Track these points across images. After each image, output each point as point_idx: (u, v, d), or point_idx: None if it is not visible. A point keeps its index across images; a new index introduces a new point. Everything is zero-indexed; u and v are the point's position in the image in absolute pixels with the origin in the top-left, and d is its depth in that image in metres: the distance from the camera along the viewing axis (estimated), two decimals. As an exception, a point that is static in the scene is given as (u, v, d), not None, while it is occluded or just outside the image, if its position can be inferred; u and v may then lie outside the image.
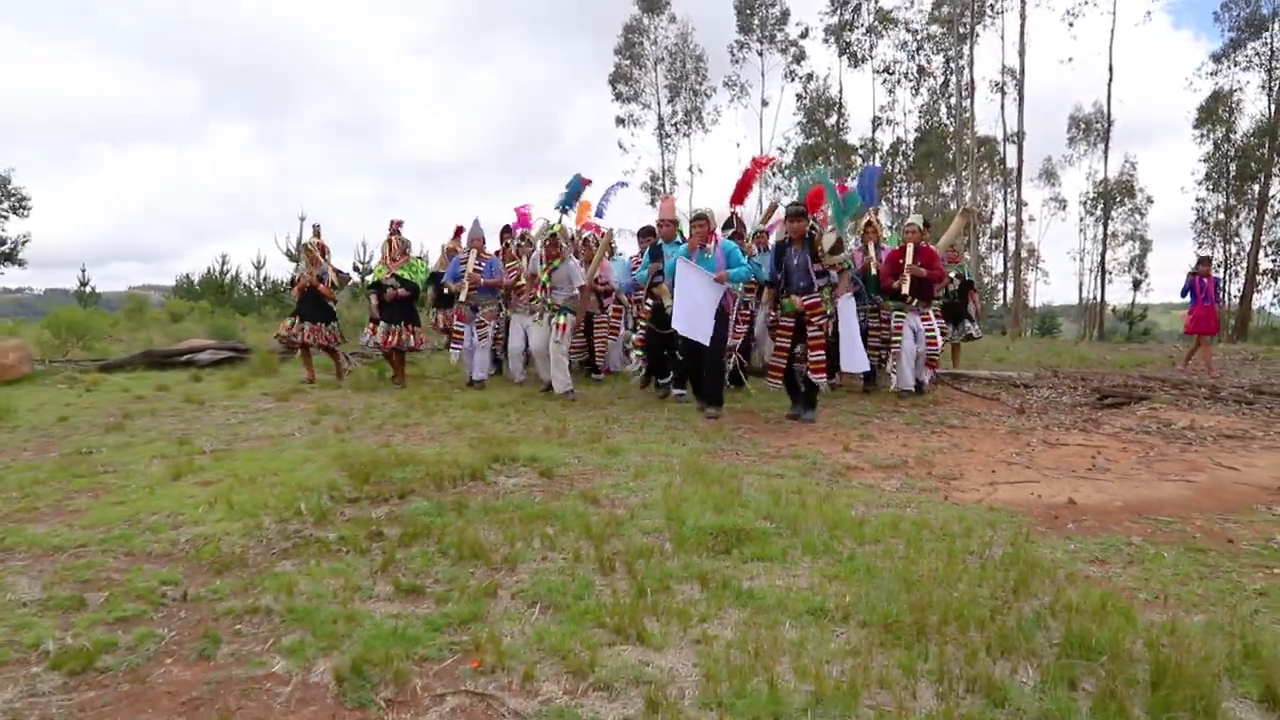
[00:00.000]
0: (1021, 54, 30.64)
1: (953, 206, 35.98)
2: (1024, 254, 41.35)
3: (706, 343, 7.37)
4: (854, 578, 3.30)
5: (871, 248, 9.40)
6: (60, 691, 2.57)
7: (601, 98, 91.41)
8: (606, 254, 9.56)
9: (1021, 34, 30.58)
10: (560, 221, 9.51)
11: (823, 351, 7.31)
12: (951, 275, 9.89)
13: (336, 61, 79.89)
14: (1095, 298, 37.91)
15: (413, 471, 4.94)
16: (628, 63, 38.63)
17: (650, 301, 8.37)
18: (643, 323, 8.55)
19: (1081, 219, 38.89)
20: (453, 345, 10.15)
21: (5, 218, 35.52)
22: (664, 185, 39.47)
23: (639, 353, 8.87)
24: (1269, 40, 29.93)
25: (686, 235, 8.10)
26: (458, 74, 78.25)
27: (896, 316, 8.84)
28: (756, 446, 6.30)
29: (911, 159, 39.52)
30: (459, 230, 10.76)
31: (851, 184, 9.26)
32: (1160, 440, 6.77)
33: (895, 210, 39.31)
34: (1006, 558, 3.51)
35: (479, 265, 9.61)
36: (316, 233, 10.38)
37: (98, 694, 2.56)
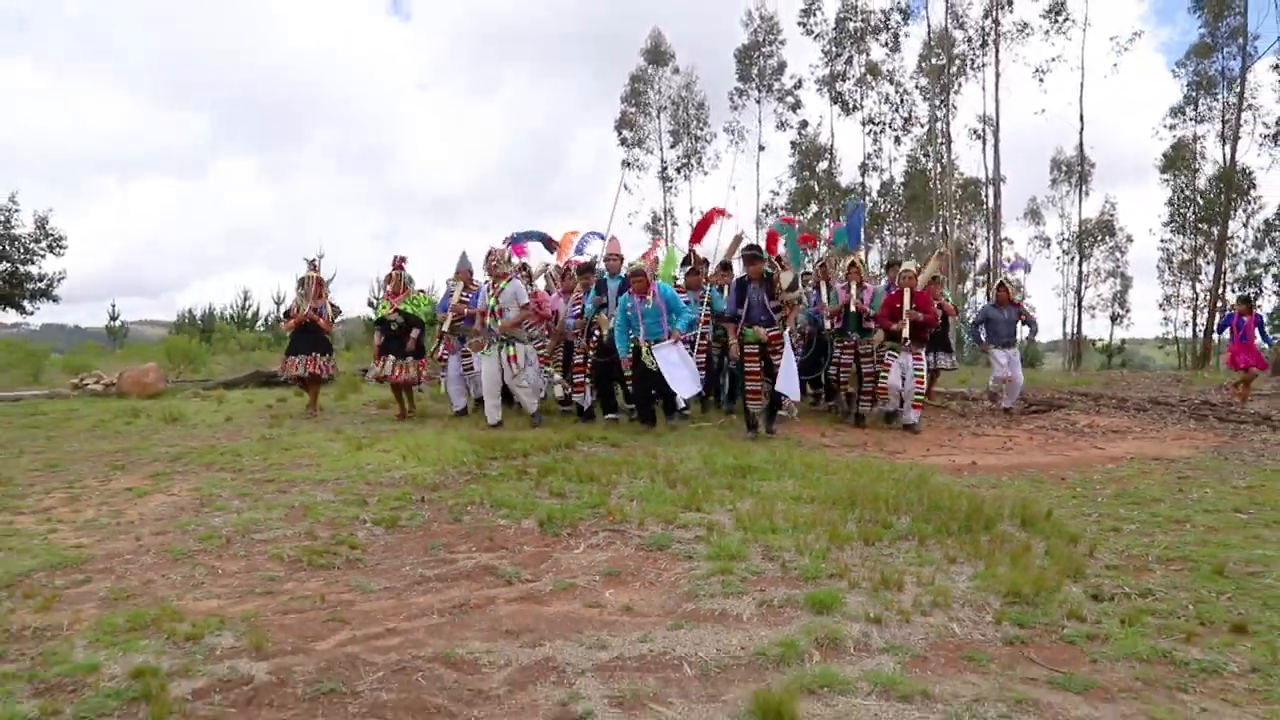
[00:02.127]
0: (996, 108, 33.34)
1: (940, 246, 38.50)
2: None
3: (699, 389, 8.39)
4: (818, 485, 5.61)
5: (854, 287, 9.66)
6: (385, 535, 4.81)
7: (606, 130, 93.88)
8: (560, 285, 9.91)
9: (996, 89, 33.29)
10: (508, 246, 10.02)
11: (758, 381, 8.24)
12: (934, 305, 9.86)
13: (343, 95, 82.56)
14: (1077, 332, 40.15)
15: (524, 444, 7.21)
16: (633, 110, 41.31)
17: (596, 333, 9.09)
18: (590, 355, 9.24)
19: (1058, 258, 41.25)
20: (441, 374, 10.61)
21: (42, 256, 37.78)
22: (665, 226, 41.90)
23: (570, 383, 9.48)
24: (1220, 96, 32.68)
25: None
26: (464, 107, 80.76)
27: (890, 354, 9.26)
28: (756, 436, 8.59)
29: (902, 201, 42.04)
30: (400, 260, 11.05)
31: (841, 221, 10.71)
32: (1061, 434, 9.07)
33: (887, 249, 41.75)
34: (914, 479, 5.80)
35: (465, 297, 9.83)
36: (314, 266, 10.26)
37: (405, 535, 4.80)
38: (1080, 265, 38.22)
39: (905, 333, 9.09)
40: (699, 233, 10.85)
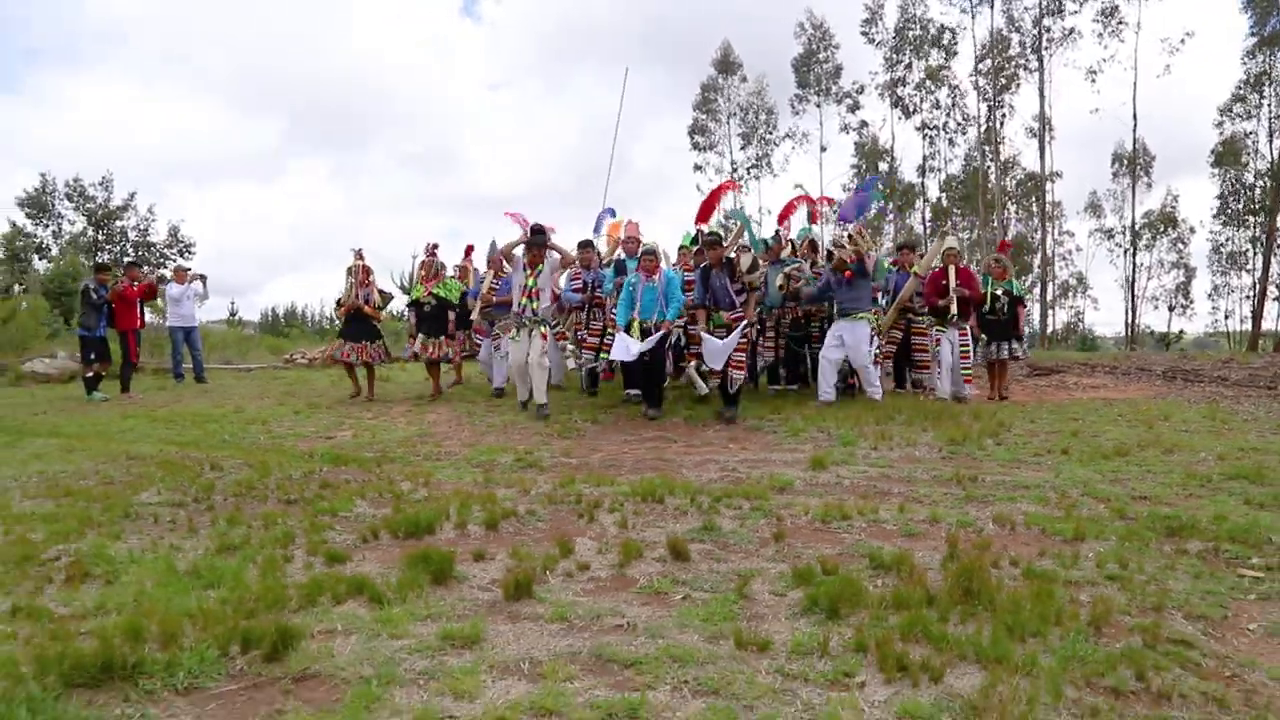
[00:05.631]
0: (1042, 109, 35.48)
1: (1008, 236, 40.57)
2: (1071, 281, 45.66)
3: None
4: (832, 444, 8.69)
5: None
6: (591, 426, 8.02)
7: (672, 127, 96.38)
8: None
9: (1041, 94, 35.39)
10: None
11: (744, 352, 8.40)
12: (999, 293, 9.91)
13: (413, 96, 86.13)
14: (1142, 324, 41.58)
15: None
16: (704, 117, 44.34)
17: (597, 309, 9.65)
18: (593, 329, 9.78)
19: (1110, 251, 42.92)
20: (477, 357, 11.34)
21: (173, 260, 42.47)
22: (733, 225, 44.78)
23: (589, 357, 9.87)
24: (1265, 92, 34.32)
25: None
26: (531, 107, 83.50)
27: (937, 331, 9.67)
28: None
29: (959, 197, 44.19)
30: (469, 249, 12.01)
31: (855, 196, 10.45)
32: (1050, 387, 11.93)
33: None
34: (935, 409, 8.83)
35: (495, 284, 10.42)
36: (360, 256, 10.49)
37: (602, 427, 8.02)
38: (1134, 257, 39.94)
39: (953, 309, 9.45)
40: (705, 211, 10.45)
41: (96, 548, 4.08)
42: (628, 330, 8.31)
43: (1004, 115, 38.11)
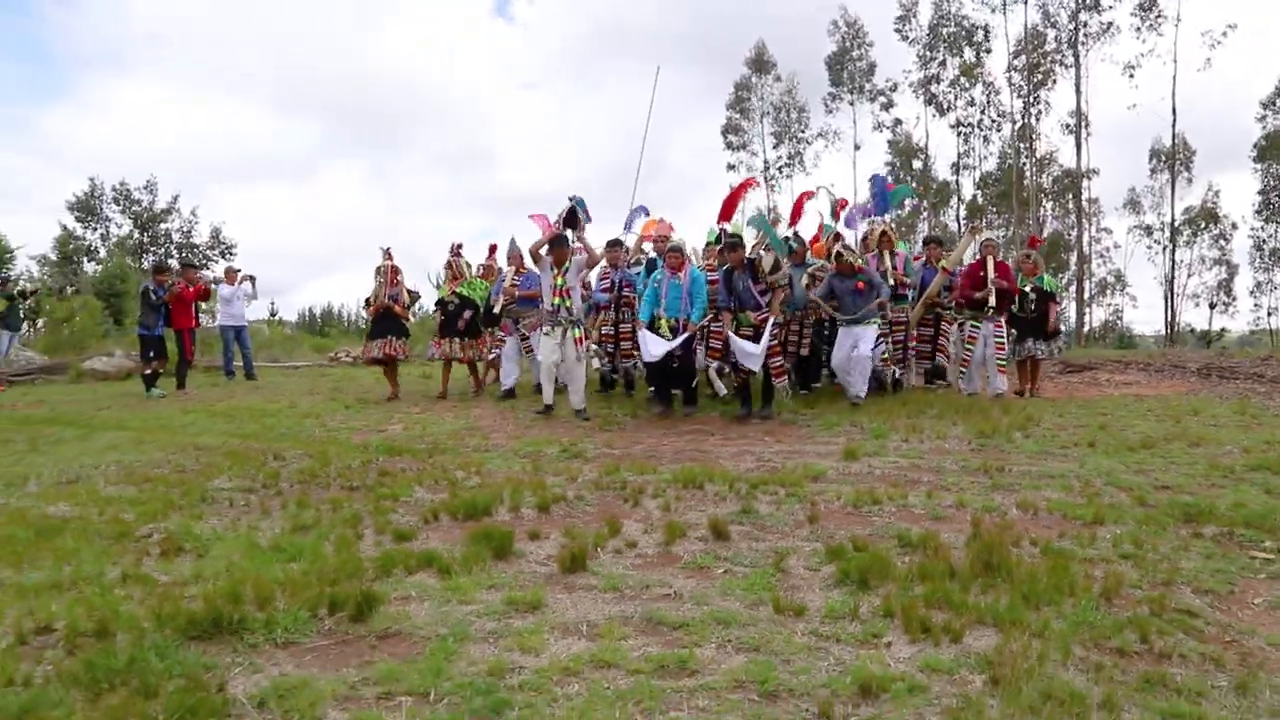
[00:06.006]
0: (1078, 104, 35.22)
1: (1043, 234, 40.33)
2: (1110, 279, 45.19)
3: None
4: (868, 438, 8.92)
5: (887, 256, 9.61)
6: (631, 420, 8.33)
7: (705, 127, 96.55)
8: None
9: (1077, 90, 35.13)
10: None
11: (780, 357, 8.50)
12: (1028, 289, 9.95)
13: (447, 96, 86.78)
14: (1181, 321, 40.97)
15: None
16: (737, 116, 44.52)
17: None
18: (618, 328, 9.73)
19: (1150, 248, 42.45)
20: (495, 352, 11.01)
21: (216, 261, 43.49)
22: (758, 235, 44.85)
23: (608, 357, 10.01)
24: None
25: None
26: (565, 107, 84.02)
27: (972, 326, 9.67)
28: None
29: (994, 195, 43.93)
30: (493, 248, 11.80)
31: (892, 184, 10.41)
32: (1081, 384, 12.04)
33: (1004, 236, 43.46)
34: (965, 402, 9.03)
35: (516, 280, 10.38)
36: (388, 255, 10.61)
37: (639, 422, 8.32)
38: (1173, 254, 39.46)
39: (991, 300, 9.39)
40: (727, 209, 10.28)
41: (183, 527, 4.46)
42: (652, 326, 8.30)
43: (1040, 112, 37.90)
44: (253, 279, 14.60)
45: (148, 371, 11.69)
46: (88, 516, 4.76)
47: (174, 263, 31.72)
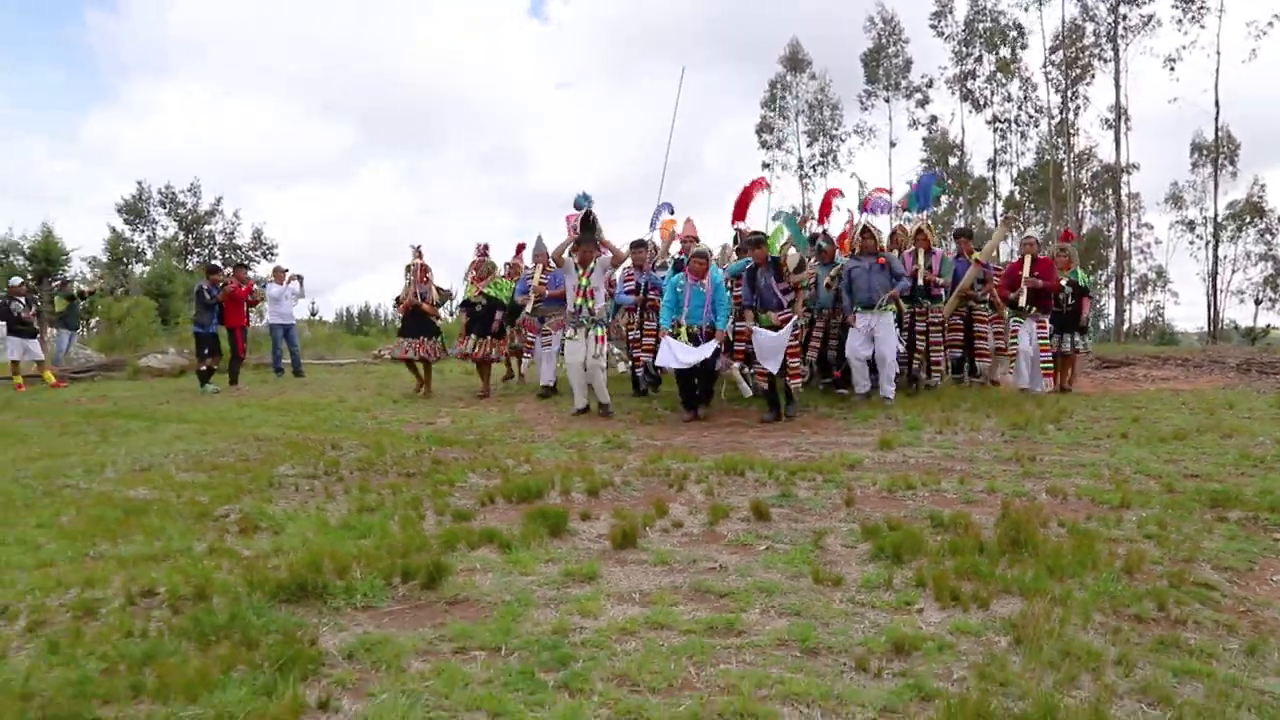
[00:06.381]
0: (1117, 98, 34.83)
1: (1084, 229, 39.99)
2: (1151, 275, 44.66)
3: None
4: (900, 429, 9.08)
5: (922, 255, 9.47)
6: (670, 414, 8.57)
7: (741, 128, 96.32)
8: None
9: (1116, 84, 34.74)
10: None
11: (798, 359, 8.36)
12: (1063, 283, 9.83)
13: (481, 97, 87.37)
14: (1225, 317, 40.29)
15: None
16: (771, 114, 44.57)
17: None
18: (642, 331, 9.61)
19: (1192, 243, 41.83)
20: (528, 355, 11.31)
21: (258, 262, 44.47)
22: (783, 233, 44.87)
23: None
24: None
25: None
26: (599, 106, 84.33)
27: (1015, 323, 9.56)
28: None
29: (1032, 191, 43.56)
30: (520, 247, 11.87)
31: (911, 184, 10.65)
32: (1118, 379, 12.08)
33: (1043, 232, 43.09)
34: (994, 396, 9.16)
35: (544, 279, 10.38)
36: (419, 254, 10.72)
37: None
38: (1215, 250, 38.88)
39: (1023, 300, 9.28)
40: (740, 210, 10.14)
41: (256, 508, 4.79)
42: (673, 332, 8.12)
43: (1078, 107, 37.58)
44: (300, 278, 15.05)
45: (203, 368, 12.15)
46: (167, 499, 5.12)
47: (218, 263, 32.63)
